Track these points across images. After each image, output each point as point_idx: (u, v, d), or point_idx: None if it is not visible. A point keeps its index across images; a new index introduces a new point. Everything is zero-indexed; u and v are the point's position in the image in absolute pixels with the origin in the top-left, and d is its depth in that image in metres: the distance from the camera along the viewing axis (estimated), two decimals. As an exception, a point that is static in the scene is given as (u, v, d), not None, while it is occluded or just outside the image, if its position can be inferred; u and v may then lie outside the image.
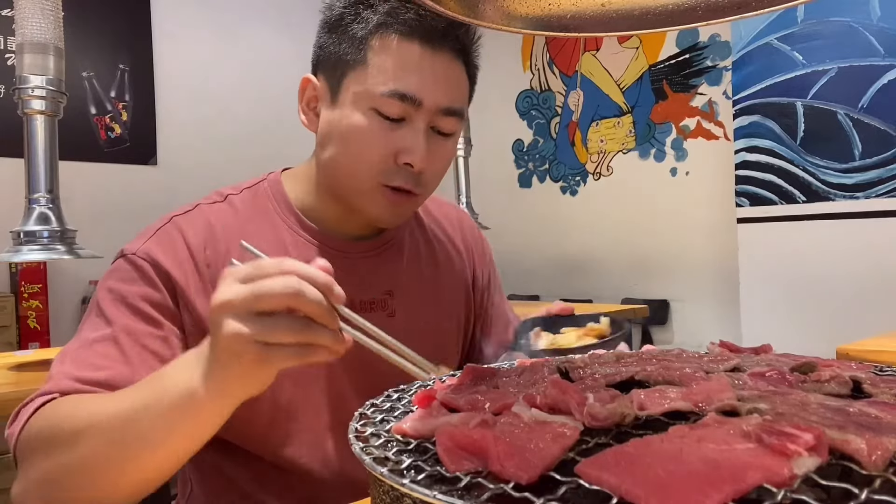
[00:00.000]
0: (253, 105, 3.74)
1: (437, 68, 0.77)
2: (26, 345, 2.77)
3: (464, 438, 0.38)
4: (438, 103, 0.78)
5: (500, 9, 0.48)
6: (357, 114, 0.77)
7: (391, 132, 0.77)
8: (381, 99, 0.76)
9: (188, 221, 0.79)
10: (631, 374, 0.53)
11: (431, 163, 0.80)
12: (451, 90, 0.79)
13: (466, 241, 1.02)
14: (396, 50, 0.76)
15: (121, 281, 0.74)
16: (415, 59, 0.76)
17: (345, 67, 0.78)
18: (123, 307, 0.72)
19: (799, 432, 0.35)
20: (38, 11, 1.33)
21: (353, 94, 0.77)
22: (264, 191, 0.86)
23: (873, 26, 2.44)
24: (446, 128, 0.80)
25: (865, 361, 0.60)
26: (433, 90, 0.77)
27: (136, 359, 0.69)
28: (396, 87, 0.75)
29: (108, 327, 0.71)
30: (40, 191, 1.37)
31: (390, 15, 0.76)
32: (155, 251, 0.75)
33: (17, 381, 1.30)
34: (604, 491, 0.32)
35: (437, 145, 0.80)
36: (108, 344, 0.70)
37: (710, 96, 3.37)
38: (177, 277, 0.74)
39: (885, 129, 2.44)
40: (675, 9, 0.46)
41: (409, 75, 0.76)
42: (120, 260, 0.76)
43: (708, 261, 3.36)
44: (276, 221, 0.84)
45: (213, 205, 0.83)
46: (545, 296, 3.98)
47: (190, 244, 0.77)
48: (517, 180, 4.26)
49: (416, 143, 0.77)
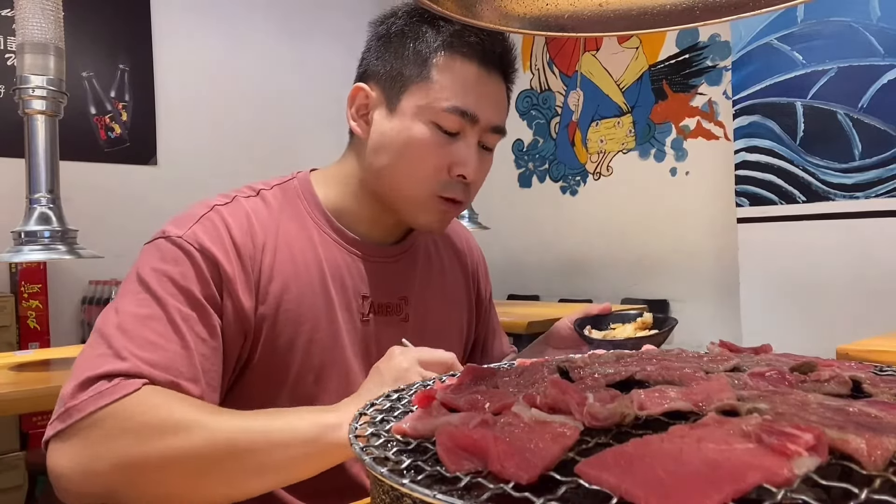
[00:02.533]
0: (253, 105, 3.74)
1: (490, 89, 0.84)
2: (26, 345, 2.76)
3: (464, 438, 0.38)
4: (490, 121, 0.84)
5: (498, 9, 0.48)
6: (418, 125, 0.82)
7: (447, 145, 0.83)
8: (443, 114, 0.81)
9: (231, 212, 0.81)
10: (631, 374, 0.53)
11: (478, 174, 0.87)
12: (500, 110, 0.86)
13: (473, 257, 1.09)
14: (458, 70, 0.82)
15: (166, 262, 0.74)
16: (473, 79, 0.82)
17: (406, 81, 0.83)
18: (174, 289, 0.72)
19: (799, 432, 0.35)
20: (38, 11, 1.33)
21: (415, 106, 0.82)
22: (294, 189, 0.89)
23: (873, 26, 2.44)
24: (491, 143, 0.87)
25: (865, 361, 0.60)
26: (487, 108, 0.83)
27: (193, 344, 0.70)
28: (457, 104, 0.81)
29: (159, 307, 0.71)
30: (41, 191, 1.37)
31: (455, 37, 0.82)
32: (203, 237, 0.76)
33: (17, 381, 1.30)
34: (604, 491, 0.32)
35: (483, 159, 0.87)
36: (163, 324, 0.70)
37: (710, 96, 3.37)
38: (224, 266, 0.76)
39: (885, 129, 2.43)
40: (672, 9, 0.46)
41: (469, 94, 0.82)
42: (163, 241, 0.76)
43: (708, 261, 3.36)
44: (306, 220, 0.87)
45: (248, 198, 0.86)
46: (545, 296, 3.98)
47: (234, 235, 0.79)
48: (517, 180, 4.26)
49: (469, 157, 0.83)
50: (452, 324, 1.01)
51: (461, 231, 1.10)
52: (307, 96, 3.92)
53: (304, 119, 3.90)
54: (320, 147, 3.68)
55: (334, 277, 0.86)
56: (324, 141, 3.67)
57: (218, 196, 0.85)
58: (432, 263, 1.00)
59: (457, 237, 1.08)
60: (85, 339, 3.06)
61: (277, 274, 0.80)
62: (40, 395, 1.22)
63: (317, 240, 0.86)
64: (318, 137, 3.83)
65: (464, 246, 1.08)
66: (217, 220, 0.79)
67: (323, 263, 0.85)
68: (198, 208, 0.81)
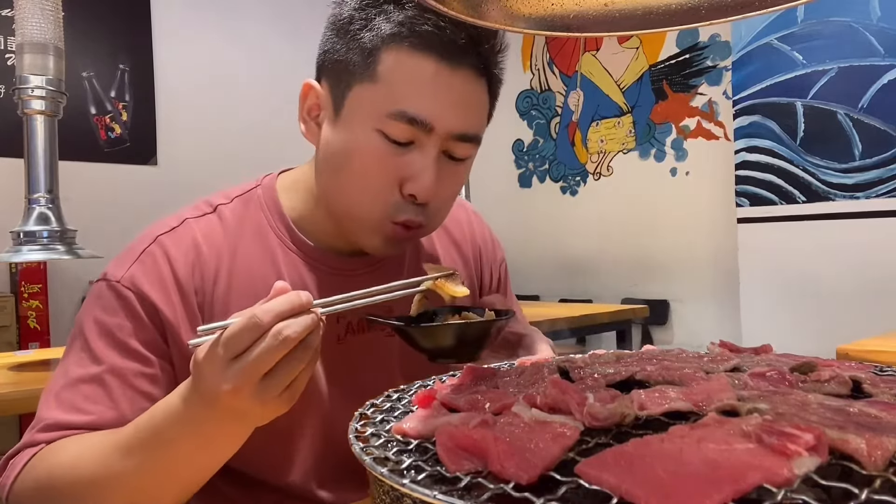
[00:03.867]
0: (253, 105, 3.74)
1: (453, 88, 0.68)
2: (26, 345, 2.77)
3: (464, 438, 0.38)
4: (451, 129, 0.69)
5: (504, 9, 0.48)
6: (361, 134, 0.69)
7: (397, 157, 0.69)
8: (388, 121, 0.67)
9: (174, 241, 0.73)
10: (631, 374, 0.53)
11: (440, 190, 0.71)
12: (469, 114, 0.70)
13: (475, 244, 0.95)
14: (409, 65, 0.67)
15: (106, 312, 0.69)
16: (429, 77, 0.67)
17: (350, 79, 0.70)
18: (110, 342, 0.68)
19: (799, 432, 0.35)
20: (38, 11, 1.33)
21: (358, 111, 0.69)
22: (257, 199, 0.79)
23: (873, 26, 2.44)
24: (460, 153, 0.72)
25: (865, 361, 0.60)
26: (447, 114, 0.68)
27: (124, 401, 0.67)
28: (405, 109, 0.67)
29: (94, 365, 0.68)
30: (40, 191, 1.37)
31: (404, 25, 0.67)
32: (140, 279, 0.70)
33: (17, 381, 1.30)
34: (604, 491, 0.32)
35: (448, 171, 0.72)
36: (94, 385, 0.67)
37: (710, 96, 3.37)
38: (164, 311, 0.70)
39: (885, 129, 2.44)
40: (677, 8, 0.46)
41: (421, 95, 0.67)
42: (103, 286, 0.71)
43: (708, 261, 3.37)
44: (268, 236, 0.77)
45: (201, 218, 0.77)
46: (545, 296, 3.98)
47: (177, 270, 0.71)
48: (517, 180, 4.26)
49: (423, 172, 0.68)
50: None
51: (460, 215, 0.95)
52: (307, 96, 3.92)
53: (304, 119, 3.91)
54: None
55: None
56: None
57: (169, 218, 0.76)
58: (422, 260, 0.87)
59: (455, 224, 0.93)
60: (85, 338, 3.06)
61: (234, 303, 0.72)
62: (40, 395, 1.22)
63: (280, 258, 0.77)
64: (318, 137, 3.83)
65: (464, 233, 0.94)
66: (159, 255, 0.72)
67: None
68: (139, 242, 0.74)
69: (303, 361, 0.54)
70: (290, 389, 0.55)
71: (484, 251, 0.96)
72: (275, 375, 0.53)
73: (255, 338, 0.52)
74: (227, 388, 0.52)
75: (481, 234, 0.97)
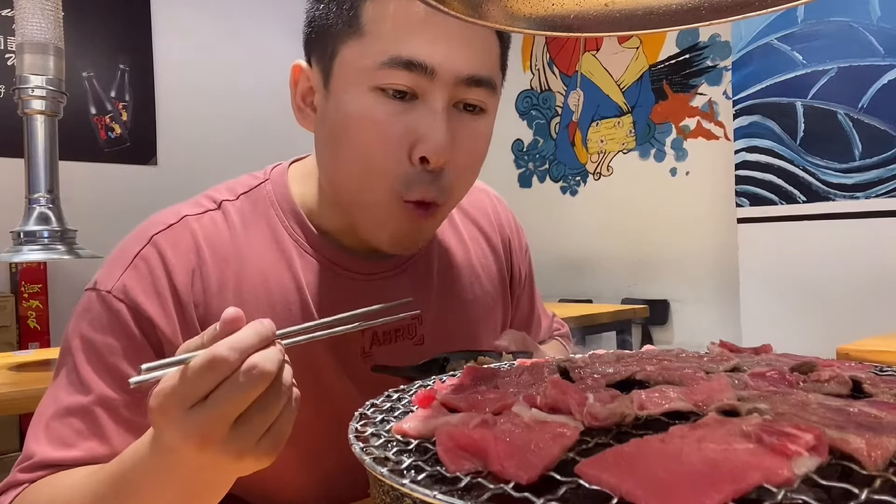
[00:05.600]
0: (253, 105, 3.74)
1: (451, 26, 0.59)
2: (26, 345, 2.77)
3: (464, 438, 0.38)
4: (458, 70, 0.60)
5: (504, 9, 0.48)
6: (355, 98, 0.60)
7: (400, 116, 0.60)
8: (382, 72, 0.59)
9: (172, 243, 0.65)
10: (631, 374, 0.53)
11: (456, 152, 0.62)
12: (475, 52, 0.61)
13: (504, 234, 0.86)
14: (395, 7, 0.59)
15: (94, 328, 0.62)
16: (420, 16, 0.59)
17: (335, 42, 0.62)
18: (99, 367, 0.61)
19: (799, 433, 0.35)
20: (38, 11, 1.33)
21: (348, 73, 0.61)
22: (266, 195, 0.71)
23: (873, 26, 2.44)
24: (474, 99, 0.62)
25: (865, 361, 0.60)
26: (449, 53, 0.59)
27: (115, 435, 0.61)
28: (399, 53, 0.58)
29: (82, 394, 0.61)
30: (40, 191, 1.37)
31: None
32: (133, 289, 0.62)
33: (17, 382, 1.30)
34: (604, 491, 0.32)
35: (463, 127, 0.62)
36: (82, 418, 0.61)
37: (710, 96, 3.37)
38: (161, 325, 0.62)
39: (885, 129, 2.44)
40: (678, 8, 0.46)
41: (415, 35, 0.59)
42: (93, 296, 0.63)
43: (708, 261, 3.36)
44: (282, 235, 0.69)
45: (201, 215, 0.68)
46: (545, 296, 3.95)
47: (174, 278, 0.63)
48: (517, 180, 4.26)
49: (432, 127, 0.59)
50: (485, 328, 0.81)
51: (484, 200, 0.86)
52: (307, 96, 3.92)
53: (304, 119, 3.91)
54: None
55: (321, 307, 0.68)
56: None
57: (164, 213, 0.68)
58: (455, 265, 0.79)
59: (480, 211, 0.85)
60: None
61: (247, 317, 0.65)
62: (40, 396, 1.20)
63: (296, 261, 0.68)
64: (318, 137, 3.84)
65: (491, 220, 0.85)
66: (154, 259, 0.64)
67: (305, 291, 0.68)
68: (133, 241, 0.65)
69: (280, 399, 0.46)
70: (272, 435, 0.46)
71: (513, 241, 0.88)
72: (249, 421, 0.45)
73: (219, 379, 0.43)
74: (191, 442, 0.44)
75: (507, 220, 0.89)
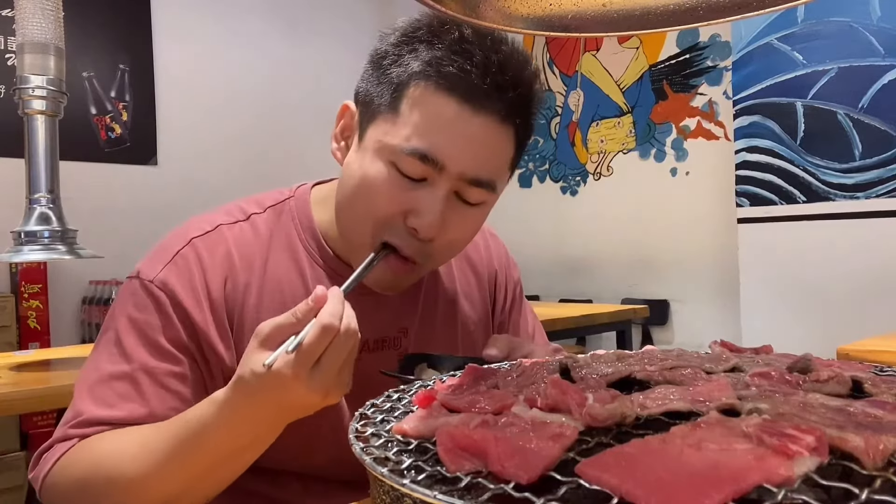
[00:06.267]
0: (253, 105, 3.74)
1: (472, 131, 0.68)
2: (26, 345, 2.76)
3: (464, 439, 0.38)
4: (464, 171, 0.69)
5: (501, 9, 0.48)
6: (376, 164, 0.70)
7: (408, 191, 0.70)
8: (402, 155, 0.68)
9: (208, 247, 0.75)
10: (631, 374, 0.53)
11: (446, 232, 0.72)
12: (485, 158, 0.71)
13: (491, 266, 0.96)
14: (430, 104, 0.68)
15: (137, 309, 0.72)
16: (448, 118, 0.68)
17: (375, 111, 0.72)
18: (142, 341, 0.70)
19: (800, 434, 0.35)
20: (38, 11, 1.33)
21: (377, 142, 0.71)
22: (289, 210, 0.81)
23: (873, 26, 2.44)
24: (471, 198, 0.72)
25: (865, 361, 0.60)
26: (461, 155, 0.69)
27: (154, 399, 0.69)
28: (419, 146, 0.68)
29: (125, 363, 0.70)
30: (41, 191, 1.37)
31: (431, 64, 0.68)
32: (173, 282, 0.72)
33: (17, 382, 1.30)
34: (604, 491, 0.32)
35: (458, 214, 0.72)
36: (126, 382, 0.69)
37: (711, 96, 3.37)
38: (195, 317, 0.71)
39: (885, 129, 2.44)
40: (676, 9, 0.46)
41: (437, 135, 0.68)
42: (136, 283, 0.73)
43: (708, 261, 3.36)
44: (298, 249, 0.79)
45: (233, 225, 0.78)
46: (545, 296, 3.98)
47: (209, 279, 0.73)
48: (517, 180, 4.26)
49: (429, 209, 0.69)
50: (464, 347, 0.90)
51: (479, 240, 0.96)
52: (308, 96, 3.92)
53: (305, 119, 3.90)
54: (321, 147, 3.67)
55: None
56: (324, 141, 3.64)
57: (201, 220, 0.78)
58: (440, 288, 0.89)
59: (471, 245, 0.94)
60: (85, 339, 3.07)
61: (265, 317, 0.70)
62: (40, 395, 1.22)
63: (308, 273, 0.78)
64: (318, 138, 3.83)
65: (481, 254, 0.96)
66: (192, 258, 0.73)
67: None
68: (173, 240, 0.75)
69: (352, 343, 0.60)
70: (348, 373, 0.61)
71: (500, 273, 0.97)
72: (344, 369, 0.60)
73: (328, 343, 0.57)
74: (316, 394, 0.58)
75: (497, 255, 0.98)
